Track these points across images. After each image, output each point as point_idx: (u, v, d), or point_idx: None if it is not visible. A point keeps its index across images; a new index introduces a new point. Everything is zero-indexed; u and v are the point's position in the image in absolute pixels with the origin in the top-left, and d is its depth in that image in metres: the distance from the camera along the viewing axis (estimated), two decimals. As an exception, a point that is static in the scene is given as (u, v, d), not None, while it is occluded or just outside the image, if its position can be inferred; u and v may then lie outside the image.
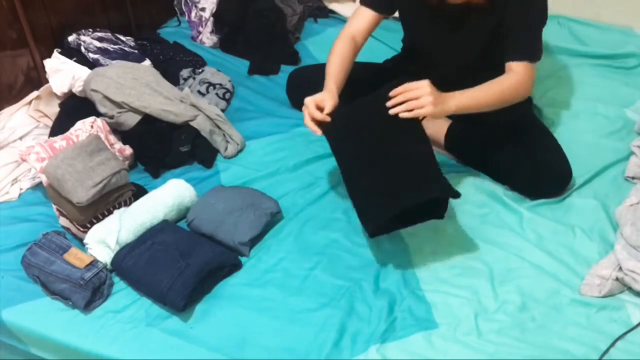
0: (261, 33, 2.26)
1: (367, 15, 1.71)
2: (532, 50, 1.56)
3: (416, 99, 1.40)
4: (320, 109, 1.49)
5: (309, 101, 1.49)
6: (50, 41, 1.97)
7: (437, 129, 1.76)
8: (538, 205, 1.60)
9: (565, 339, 1.29)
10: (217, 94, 2.01)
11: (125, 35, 2.13)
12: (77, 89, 1.82)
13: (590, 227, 1.54)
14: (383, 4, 1.70)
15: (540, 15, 1.57)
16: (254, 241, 1.51)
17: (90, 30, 2.05)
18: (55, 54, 1.91)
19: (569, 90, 2.04)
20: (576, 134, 1.84)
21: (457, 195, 1.37)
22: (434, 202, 1.45)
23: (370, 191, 1.42)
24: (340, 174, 1.55)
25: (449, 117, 1.78)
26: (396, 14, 1.78)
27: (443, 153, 1.77)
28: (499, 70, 1.56)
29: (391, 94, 1.41)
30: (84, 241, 1.47)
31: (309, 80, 1.93)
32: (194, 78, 2.06)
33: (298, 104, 1.96)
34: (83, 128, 1.61)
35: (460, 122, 1.74)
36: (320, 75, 1.86)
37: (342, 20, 2.54)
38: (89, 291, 1.35)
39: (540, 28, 1.58)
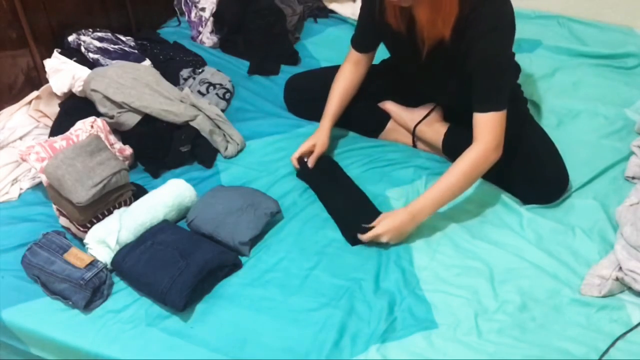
0: (261, 33, 2.26)
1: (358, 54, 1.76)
2: (496, 101, 1.47)
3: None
4: (311, 152, 1.70)
5: (293, 159, 1.70)
6: (50, 41, 1.97)
7: (435, 134, 1.76)
8: (538, 205, 1.60)
9: (565, 338, 1.28)
10: (217, 94, 2.01)
11: (125, 35, 2.13)
12: (77, 89, 1.82)
13: (590, 227, 1.54)
14: (363, 48, 1.74)
15: (504, 62, 1.49)
16: (254, 241, 1.51)
17: (90, 30, 2.05)
18: (55, 54, 1.91)
19: (569, 90, 2.04)
20: (576, 134, 1.84)
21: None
22: None
23: (346, 210, 1.58)
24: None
25: (447, 120, 1.78)
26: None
27: (442, 157, 1.77)
28: None
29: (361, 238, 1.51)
30: (84, 241, 1.47)
31: (304, 88, 1.94)
32: (194, 78, 2.06)
33: (295, 111, 1.97)
34: (83, 128, 1.60)
35: (458, 126, 1.73)
36: (315, 83, 1.87)
37: (342, 20, 2.54)
38: (89, 291, 1.35)
39: (505, 76, 1.50)
